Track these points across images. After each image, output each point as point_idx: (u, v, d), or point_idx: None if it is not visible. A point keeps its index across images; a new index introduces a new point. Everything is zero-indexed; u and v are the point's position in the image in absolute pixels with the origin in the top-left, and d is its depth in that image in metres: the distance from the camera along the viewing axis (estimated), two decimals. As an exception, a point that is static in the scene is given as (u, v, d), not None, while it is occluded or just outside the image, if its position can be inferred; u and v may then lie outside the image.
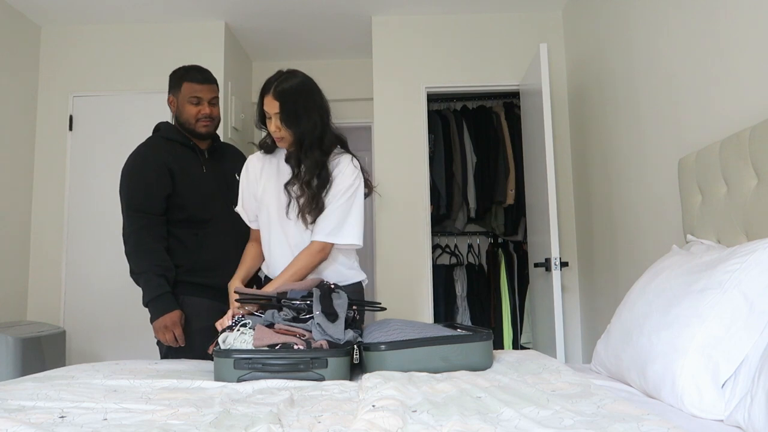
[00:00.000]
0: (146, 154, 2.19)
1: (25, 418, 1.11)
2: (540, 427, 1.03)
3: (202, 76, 2.20)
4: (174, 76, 2.24)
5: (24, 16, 3.74)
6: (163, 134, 2.25)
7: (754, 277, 1.24)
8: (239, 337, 1.62)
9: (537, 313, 3.41)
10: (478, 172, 4.10)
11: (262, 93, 1.89)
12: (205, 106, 2.19)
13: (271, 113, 1.87)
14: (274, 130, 1.88)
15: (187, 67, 2.26)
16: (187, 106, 2.19)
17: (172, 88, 2.23)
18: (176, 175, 2.14)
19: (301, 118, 1.85)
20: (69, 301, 3.69)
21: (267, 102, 1.87)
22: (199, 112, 2.18)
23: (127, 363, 1.84)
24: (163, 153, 2.17)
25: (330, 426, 1.08)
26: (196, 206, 2.17)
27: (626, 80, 2.72)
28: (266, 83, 1.89)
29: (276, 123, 1.87)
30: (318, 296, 1.73)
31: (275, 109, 1.85)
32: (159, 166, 2.13)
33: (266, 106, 1.87)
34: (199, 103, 2.18)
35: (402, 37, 3.83)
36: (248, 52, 4.51)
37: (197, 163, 2.23)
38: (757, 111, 1.70)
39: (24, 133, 3.73)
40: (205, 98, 2.19)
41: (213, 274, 2.15)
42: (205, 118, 2.19)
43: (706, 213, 1.84)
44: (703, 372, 1.21)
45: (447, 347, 1.62)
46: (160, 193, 2.12)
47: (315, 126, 1.87)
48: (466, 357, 1.63)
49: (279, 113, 1.85)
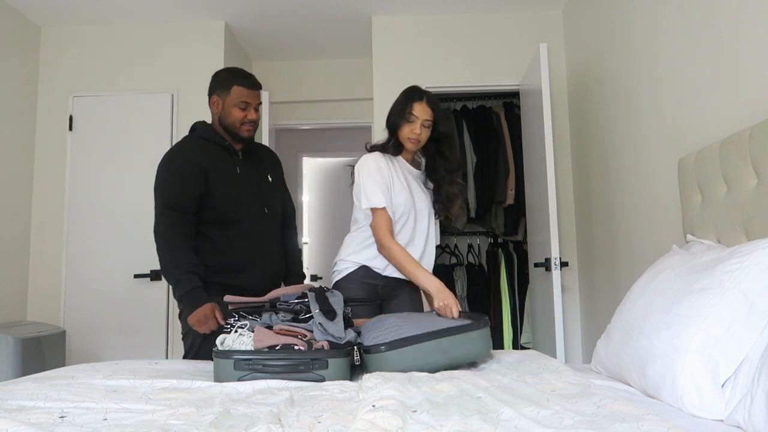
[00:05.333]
0: (181, 153, 2.22)
1: (25, 418, 1.11)
2: (540, 427, 1.03)
3: (251, 81, 2.25)
4: (221, 78, 2.26)
5: (24, 16, 3.74)
6: (199, 134, 2.27)
7: (754, 277, 1.24)
8: (237, 339, 1.62)
9: (537, 313, 3.41)
10: (478, 172, 4.10)
11: (409, 100, 2.15)
12: (252, 111, 2.23)
13: (421, 118, 2.13)
14: (419, 133, 2.14)
15: (235, 70, 2.28)
16: (234, 110, 2.21)
17: (218, 89, 2.24)
18: (210, 174, 2.16)
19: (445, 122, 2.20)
20: (69, 301, 3.69)
21: (420, 108, 2.14)
22: (246, 116, 2.22)
23: (127, 363, 1.84)
24: (198, 152, 2.19)
25: (330, 426, 1.08)
26: (228, 207, 2.18)
27: (626, 80, 2.72)
28: (413, 92, 2.18)
29: (421, 126, 2.14)
30: (314, 296, 1.73)
31: (428, 115, 2.14)
32: (193, 165, 2.16)
33: (418, 111, 2.14)
34: (246, 108, 2.22)
35: (402, 37, 3.83)
36: (248, 52, 4.51)
37: (231, 164, 2.25)
38: (757, 111, 1.70)
39: (24, 133, 3.73)
40: (253, 104, 2.23)
41: (241, 275, 2.16)
42: (250, 123, 2.23)
43: (706, 213, 1.84)
44: (703, 372, 1.21)
45: (446, 339, 1.62)
46: (194, 191, 2.13)
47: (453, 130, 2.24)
48: (465, 347, 1.64)
49: (430, 119, 2.15)
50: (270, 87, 4.38)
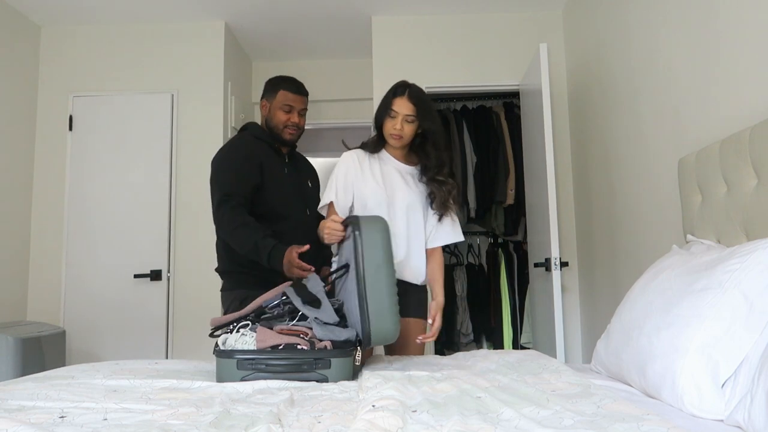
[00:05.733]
0: (238, 146, 2.31)
1: (25, 418, 1.11)
2: (540, 427, 1.03)
3: (296, 87, 2.36)
4: (270, 83, 2.39)
5: (24, 16, 3.74)
6: (252, 132, 2.37)
7: (754, 276, 1.24)
8: (240, 339, 1.61)
9: (537, 313, 3.41)
10: (478, 172, 4.10)
11: (391, 95, 2.09)
12: (295, 115, 2.33)
13: (402, 114, 2.06)
14: (400, 128, 2.07)
15: (284, 77, 2.42)
16: (278, 113, 2.32)
17: (267, 93, 2.38)
18: (265, 167, 2.25)
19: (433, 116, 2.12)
20: (69, 301, 3.69)
21: (401, 103, 2.07)
22: (289, 119, 2.32)
23: (127, 363, 1.83)
24: (252, 147, 2.29)
25: (330, 426, 1.08)
26: (278, 201, 2.24)
27: (626, 80, 2.72)
28: (396, 87, 2.11)
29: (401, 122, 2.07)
30: (293, 291, 1.74)
31: (408, 110, 2.06)
32: (250, 157, 2.25)
33: (397, 106, 2.07)
34: (290, 111, 2.32)
35: (402, 37, 3.83)
36: (248, 52, 4.51)
37: (281, 163, 2.33)
38: (757, 111, 1.70)
39: (24, 133, 3.73)
40: (296, 108, 2.33)
41: None
42: (293, 126, 2.33)
43: (706, 213, 1.84)
44: (703, 372, 1.21)
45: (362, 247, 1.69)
46: (250, 181, 2.20)
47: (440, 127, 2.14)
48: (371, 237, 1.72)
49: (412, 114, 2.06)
50: (270, 87, 4.37)
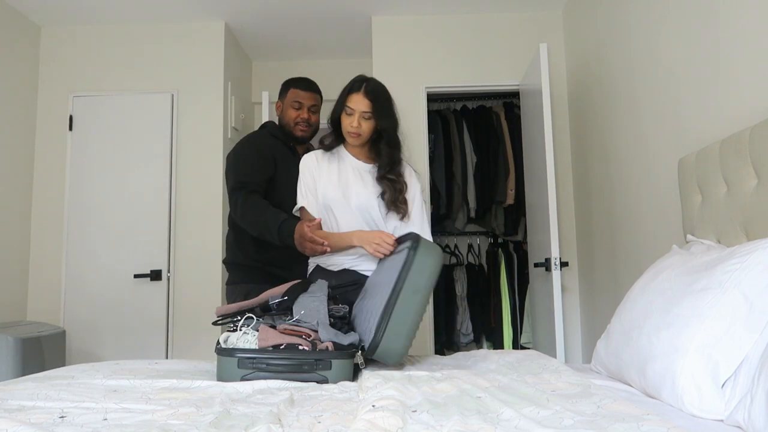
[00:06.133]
0: (253, 141, 2.38)
1: (25, 418, 1.11)
2: (540, 427, 1.03)
3: (306, 84, 2.42)
4: (283, 84, 2.46)
5: (24, 16, 3.74)
6: (269, 130, 2.44)
7: (754, 277, 1.24)
8: (242, 337, 1.61)
9: (537, 313, 3.41)
10: (478, 172, 4.10)
11: (347, 91, 2.04)
12: (305, 111, 2.37)
13: (358, 111, 2.00)
14: (357, 126, 2.01)
15: (296, 77, 2.48)
16: (289, 110, 2.38)
17: (280, 94, 2.44)
18: (278, 163, 2.29)
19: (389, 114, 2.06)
20: (69, 301, 3.69)
21: (356, 99, 2.01)
22: (299, 116, 2.36)
23: (127, 363, 1.84)
24: (267, 142, 2.35)
25: (330, 426, 1.08)
26: (289, 196, 2.24)
27: (626, 80, 2.72)
28: (353, 82, 2.06)
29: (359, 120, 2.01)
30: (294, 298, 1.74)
31: (365, 107, 2.00)
32: (264, 151, 2.30)
33: (353, 103, 2.01)
34: (299, 108, 2.37)
35: (402, 37, 3.83)
36: (248, 52, 4.51)
37: (294, 161, 2.33)
38: (757, 111, 1.70)
39: (24, 133, 3.73)
40: (306, 104, 2.37)
41: (292, 267, 2.17)
42: (303, 122, 2.37)
43: (706, 213, 1.84)
44: (703, 372, 1.21)
45: (402, 291, 1.67)
46: (264, 173, 2.24)
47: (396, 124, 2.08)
48: (421, 274, 1.70)
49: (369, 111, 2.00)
50: (270, 87, 4.37)
